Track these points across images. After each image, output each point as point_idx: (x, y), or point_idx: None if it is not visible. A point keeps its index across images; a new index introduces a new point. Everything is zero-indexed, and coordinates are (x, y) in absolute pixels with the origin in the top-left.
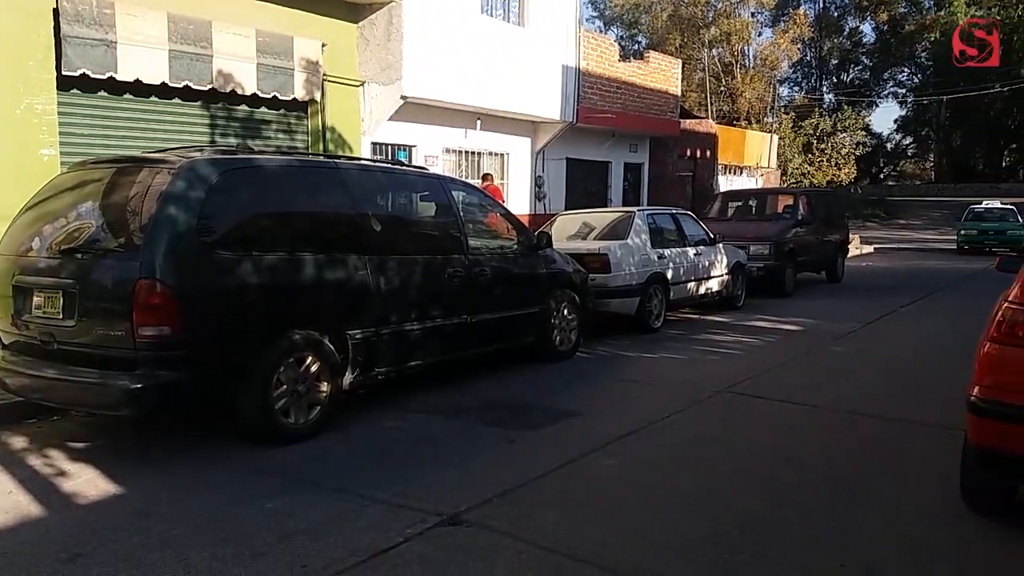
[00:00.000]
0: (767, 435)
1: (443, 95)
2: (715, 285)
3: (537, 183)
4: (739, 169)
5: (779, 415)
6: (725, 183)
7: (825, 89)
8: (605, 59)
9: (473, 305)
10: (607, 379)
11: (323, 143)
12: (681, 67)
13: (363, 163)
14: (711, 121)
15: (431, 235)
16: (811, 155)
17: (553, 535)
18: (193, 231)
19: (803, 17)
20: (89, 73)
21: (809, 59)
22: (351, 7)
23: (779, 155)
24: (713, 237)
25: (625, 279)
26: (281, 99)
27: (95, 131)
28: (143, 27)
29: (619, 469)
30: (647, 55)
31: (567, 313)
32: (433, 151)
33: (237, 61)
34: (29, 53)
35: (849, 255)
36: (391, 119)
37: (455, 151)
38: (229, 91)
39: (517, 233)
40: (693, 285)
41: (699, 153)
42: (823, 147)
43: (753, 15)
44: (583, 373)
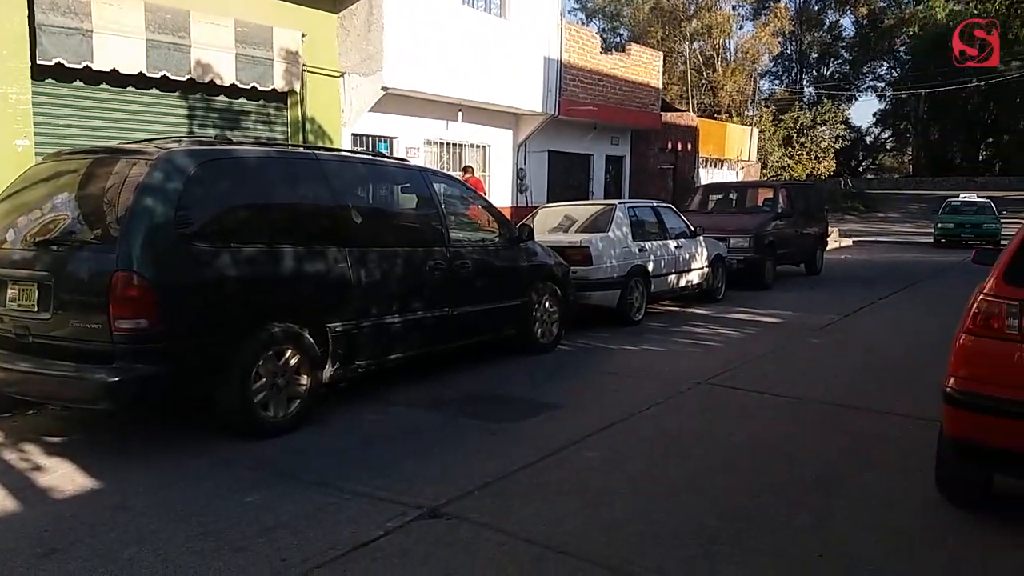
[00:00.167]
0: (747, 427)
1: (424, 86)
2: (695, 278)
3: (519, 175)
4: (720, 162)
5: (759, 407)
6: (706, 176)
7: (805, 83)
8: (587, 51)
9: (454, 298)
10: (588, 371)
11: (303, 134)
12: (663, 60)
13: (343, 154)
14: (692, 114)
15: (412, 227)
16: (791, 148)
17: (534, 527)
18: (171, 223)
19: (784, 11)
20: (64, 62)
21: (789, 52)
22: None
23: (759, 148)
24: (694, 230)
25: (606, 272)
26: (260, 90)
27: (71, 121)
28: (119, 16)
29: (600, 461)
30: (629, 48)
31: (548, 306)
32: (414, 143)
33: (216, 51)
34: (2, 42)
35: (828, 248)
36: (372, 110)
37: (436, 143)
38: (207, 81)
39: (499, 225)
40: (674, 278)
41: (680, 146)
42: (803, 140)
43: (734, 8)
44: (564, 365)
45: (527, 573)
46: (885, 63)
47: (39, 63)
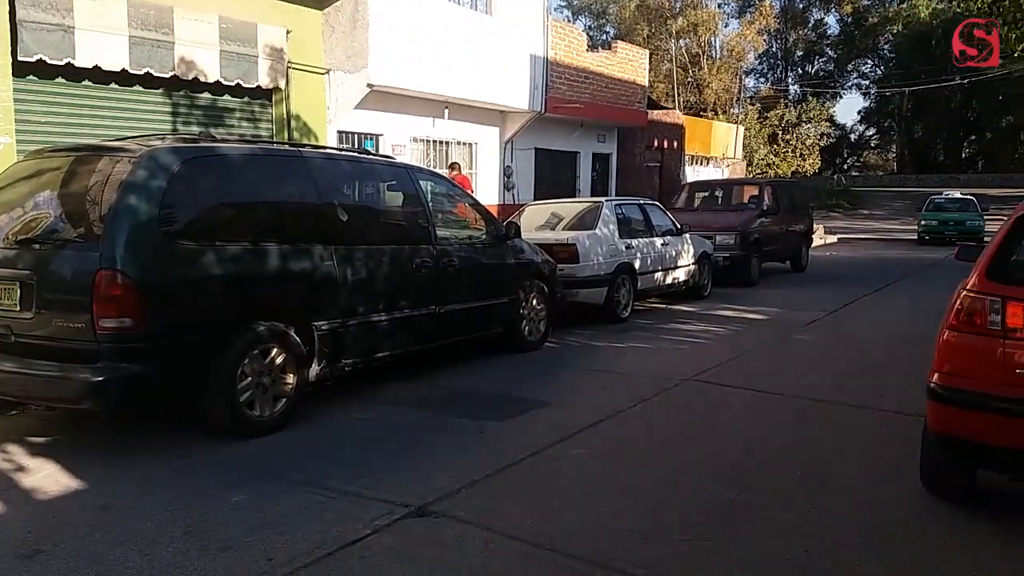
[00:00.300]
0: (733, 422)
1: (410, 83)
2: (682, 275)
3: (506, 173)
4: (705, 160)
5: (745, 403)
6: (692, 173)
7: (790, 80)
8: (573, 49)
9: (441, 296)
10: (575, 369)
11: (288, 131)
12: (649, 57)
13: (329, 152)
14: (678, 112)
15: (398, 225)
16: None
17: (521, 524)
18: (154, 221)
19: (769, 8)
20: (46, 59)
21: (775, 50)
22: None
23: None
24: (680, 227)
25: (593, 269)
26: (245, 87)
27: (53, 118)
28: (102, 12)
29: (587, 458)
30: (615, 45)
31: (536, 303)
32: (400, 140)
33: (199, 48)
34: None
35: (813, 245)
36: (357, 107)
37: (423, 140)
38: (191, 78)
39: (486, 223)
40: (660, 275)
41: (666, 144)
42: (788, 138)
43: (720, 6)
44: (552, 363)
45: (514, 571)
46: (869, 61)
47: (20, 60)
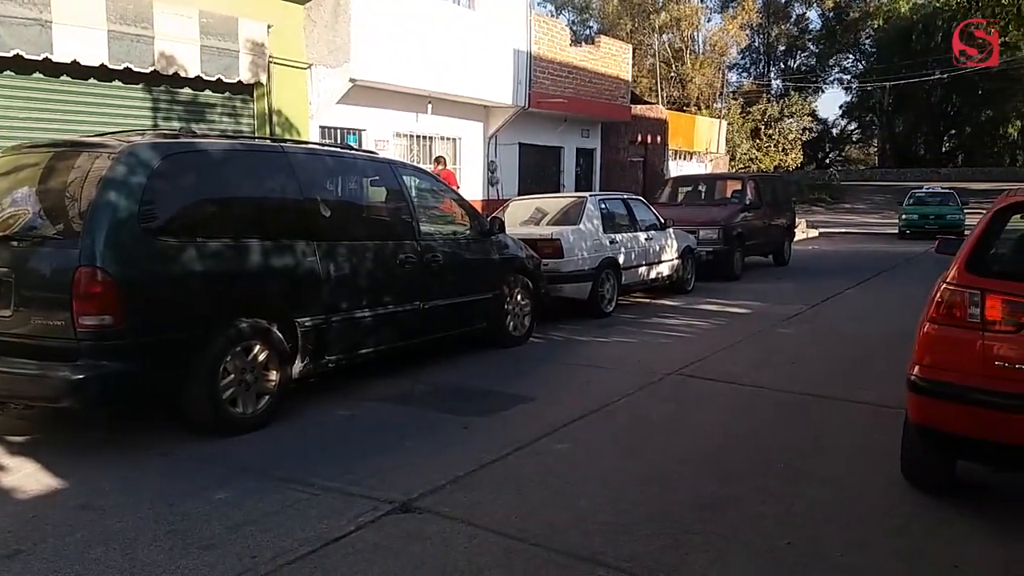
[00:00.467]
0: (717, 416)
1: (393, 78)
2: (666, 269)
3: (490, 168)
4: (689, 154)
5: (728, 396)
6: (675, 168)
7: (773, 75)
8: (556, 43)
9: (425, 291)
10: (560, 363)
11: (269, 127)
12: (632, 52)
13: (311, 147)
14: (661, 107)
15: (382, 221)
16: (759, 140)
17: (506, 519)
18: (135, 217)
19: (751, 4)
20: (23, 54)
21: (757, 45)
22: None
23: (728, 140)
24: (664, 222)
25: (577, 264)
26: (226, 82)
27: (31, 114)
28: (80, 6)
29: (571, 452)
30: (598, 40)
31: (520, 298)
32: (383, 135)
33: (180, 43)
34: None
35: (796, 239)
36: (340, 102)
37: (406, 135)
38: (172, 73)
39: (470, 219)
40: (644, 270)
41: (650, 138)
42: (771, 133)
43: (702, 1)
44: (536, 358)
45: (499, 565)
46: (851, 56)
47: None
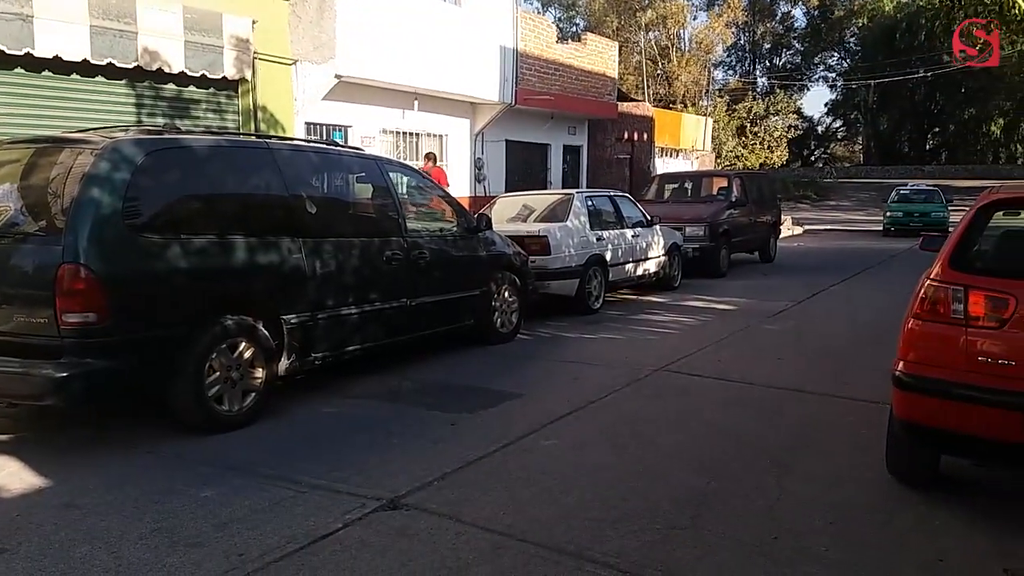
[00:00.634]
0: (703, 412)
1: (378, 74)
2: (652, 266)
3: (477, 165)
4: (675, 152)
5: (715, 392)
6: (661, 166)
7: (758, 73)
8: (543, 40)
9: (412, 288)
10: (547, 360)
11: (254, 123)
12: (618, 50)
13: (296, 143)
14: (648, 104)
15: (368, 217)
16: (744, 138)
17: (493, 516)
18: (118, 214)
19: (737, 1)
20: (4, 49)
21: (743, 43)
22: None
23: (714, 138)
24: (650, 219)
25: (565, 261)
26: (210, 78)
27: (12, 110)
28: (61, 1)
29: (558, 449)
30: (585, 37)
31: (508, 295)
32: (369, 132)
33: (163, 38)
34: None
35: (781, 236)
36: (325, 98)
37: (392, 132)
38: (155, 69)
39: (457, 215)
40: (631, 266)
41: (636, 136)
42: (756, 130)
43: None
44: (524, 355)
45: (487, 562)
46: (836, 54)
47: None
